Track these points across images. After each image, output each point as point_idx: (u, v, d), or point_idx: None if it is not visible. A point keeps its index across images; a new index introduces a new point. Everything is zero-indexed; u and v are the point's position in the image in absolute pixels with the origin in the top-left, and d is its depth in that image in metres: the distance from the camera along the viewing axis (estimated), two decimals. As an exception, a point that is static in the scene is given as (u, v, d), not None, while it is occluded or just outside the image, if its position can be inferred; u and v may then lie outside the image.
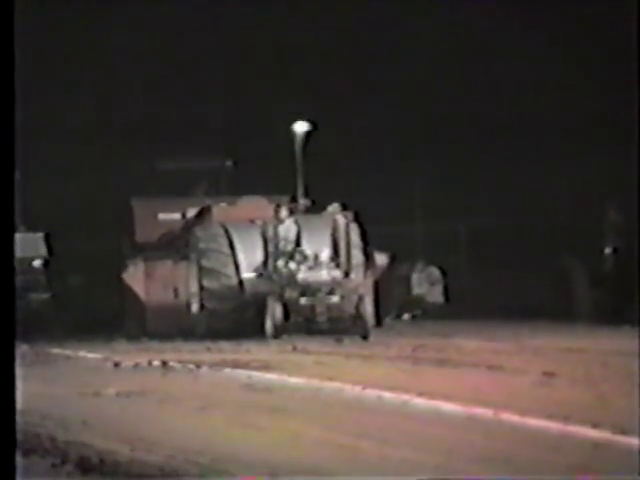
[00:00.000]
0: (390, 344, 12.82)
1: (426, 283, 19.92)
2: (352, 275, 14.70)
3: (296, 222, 15.38)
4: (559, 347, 11.84)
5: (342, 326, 14.05)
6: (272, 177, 19.43)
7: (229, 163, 19.05)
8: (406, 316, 19.38)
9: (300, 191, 18.05)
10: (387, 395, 7.87)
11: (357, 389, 8.29)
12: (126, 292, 16.60)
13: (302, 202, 17.23)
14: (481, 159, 22.86)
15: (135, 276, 16.40)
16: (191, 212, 17.06)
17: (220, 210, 16.39)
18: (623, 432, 6.14)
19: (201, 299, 15.37)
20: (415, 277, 19.98)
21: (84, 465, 5.82)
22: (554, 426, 6.44)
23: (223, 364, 10.69)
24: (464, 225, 22.73)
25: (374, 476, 5.03)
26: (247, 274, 15.15)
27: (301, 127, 18.62)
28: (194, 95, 24.21)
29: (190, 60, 23.88)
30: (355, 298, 14.19)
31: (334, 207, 15.55)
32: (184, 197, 17.68)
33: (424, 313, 19.34)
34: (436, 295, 19.91)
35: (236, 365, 10.58)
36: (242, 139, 23.25)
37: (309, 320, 14.10)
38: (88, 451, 6.10)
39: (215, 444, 6.30)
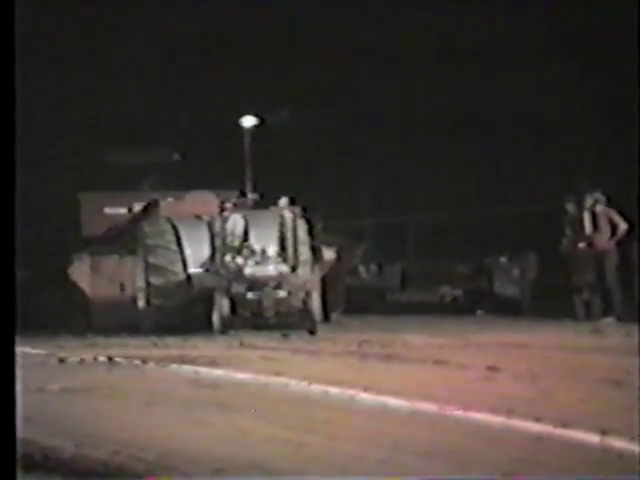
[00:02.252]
0: (337, 339, 12.86)
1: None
2: (299, 270, 14.70)
3: (244, 217, 15.38)
4: (503, 342, 11.95)
5: (289, 321, 14.03)
6: (222, 171, 19.40)
7: (177, 157, 18.99)
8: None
9: (248, 186, 18.04)
10: (333, 390, 7.91)
11: (303, 384, 8.32)
12: (72, 287, 16.49)
13: (250, 197, 17.23)
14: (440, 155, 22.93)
15: (81, 271, 16.30)
16: (138, 206, 16.98)
17: (167, 205, 16.34)
18: (564, 425, 6.22)
19: (148, 295, 15.26)
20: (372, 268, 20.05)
21: (27, 462, 5.79)
22: (497, 420, 6.51)
23: (170, 360, 10.66)
24: (413, 219, 22.82)
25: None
26: (194, 269, 15.09)
27: (249, 122, 18.62)
28: (143, 88, 24.03)
29: (137, 51, 23.69)
30: (302, 293, 14.19)
31: (282, 202, 15.56)
32: (131, 191, 17.60)
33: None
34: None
35: (183, 361, 10.56)
36: (192, 133, 23.14)
37: (256, 315, 14.07)
38: (31, 448, 6.07)
39: (161, 440, 6.29)
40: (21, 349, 11.90)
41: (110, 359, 10.95)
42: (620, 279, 15.43)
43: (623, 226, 15.50)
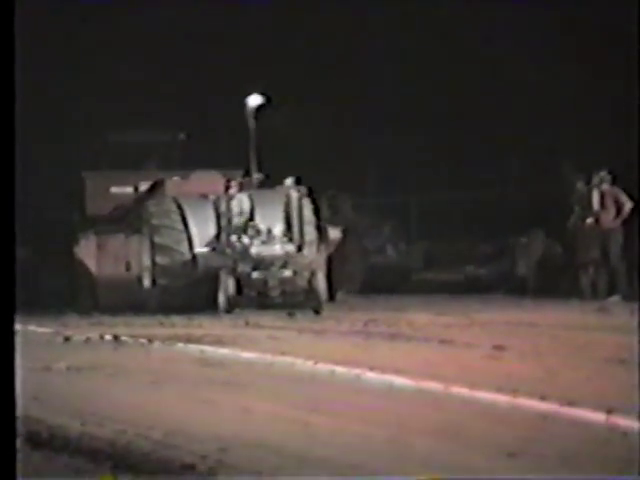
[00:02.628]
0: (342, 318, 12.87)
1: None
2: (305, 250, 14.65)
3: (249, 196, 15.33)
4: (509, 321, 11.95)
5: (295, 300, 14.04)
6: (227, 151, 19.31)
7: (182, 136, 18.90)
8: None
9: (253, 165, 17.98)
10: (339, 369, 7.91)
11: (309, 364, 8.32)
12: (77, 266, 16.50)
13: (255, 176, 17.20)
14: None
15: (86, 250, 16.30)
16: (144, 186, 16.93)
17: (173, 184, 16.31)
18: (570, 404, 6.22)
19: (153, 275, 15.25)
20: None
21: (33, 440, 5.81)
22: (503, 399, 6.51)
23: (175, 339, 10.68)
24: (416, 198, 22.77)
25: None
26: (200, 249, 15.05)
27: (254, 100, 18.52)
28: (147, 65, 23.89)
29: (141, 30, 23.56)
30: (308, 273, 14.17)
31: (288, 182, 15.52)
32: (136, 170, 17.54)
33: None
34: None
35: (188, 340, 10.57)
36: (196, 112, 23.03)
37: (261, 294, 14.07)
38: (38, 426, 6.09)
39: (167, 418, 6.30)
40: (27, 327, 11.96)
41: (116, 338, 10.97)
42: (626, 258, 15.41)
43: (629, 205, 15.48)
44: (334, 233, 16.36)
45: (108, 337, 11.07)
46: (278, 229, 14.64)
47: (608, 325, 11.39)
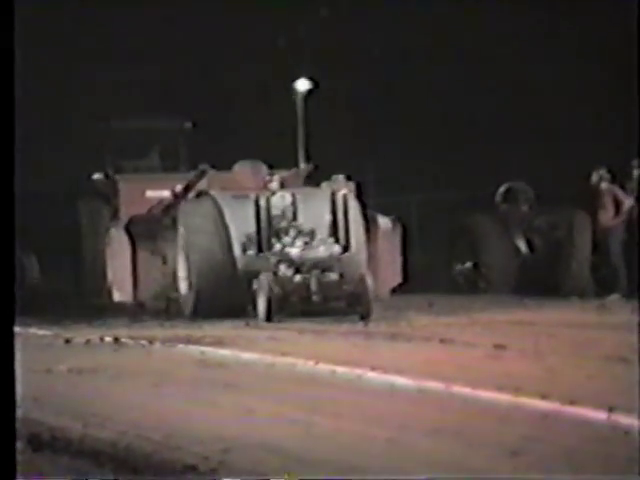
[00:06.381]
0: (341, 319, 12.85)
1: None
2: (351, 252, 13.50)
3: (292, 194, 13.91)
4: (509, 320, 11.96)
5: (340, 306, 12.92)
6: (239, 141, 18.31)
7: (188, 124, 17.67)
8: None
9: (301, 155, 16.76)
10: (340, 370, 7.92)
11: (310, 364, 8.33)
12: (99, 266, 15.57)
13: (303, 167, 15.81)
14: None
15: (121, 246, 14.87)
16: (179, 187, 15.11)
17: (212, 179, 14.88)
18: (571, 402, 6.23)
19: (189, 278, 14.05)
20: None
21: (35, 442, 5.82)
22: (504, 398, 6.52)
23: (176, 340, 10.68)
24: (415, 198, 22.65)
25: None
26: (238, 251, 13.73)
27: (302, 85, 17.26)
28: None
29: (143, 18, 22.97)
30: (354, 276, 13.07)
31: (336, 179, 14.21)
32: (172, 173, 16.20)
33: None
34: None
35: (189, 341, 10.58)
36: (205, 99, 22.13)
37: (304, 300, 12.90)
38: (39, 428, 6.09)
39: (168, 420, 6.31)
40: (27, 330, 11.96)
41: (116, 339, 10.97)
42: (626, 256, 15.42)
43: (628, 203, 15.48)
44: (384, 222, 14.52)
45: (108, 339, 11.07)
46: (322, 230, 13.51)
47: (608, 323, 11.41)
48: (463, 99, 22.16)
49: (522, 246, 16.54)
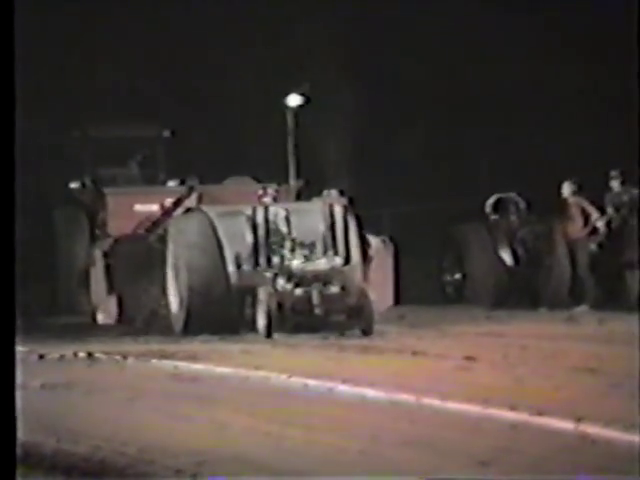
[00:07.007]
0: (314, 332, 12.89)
1: None
2: (352, 264, 13.13)
3: (286, 209, 13.54)
4: (479, 332, 12.06)
5: (342, 320, 12.50)
6: (222, 150, 17.90)
7: (167, 133, 17.23)
8: None
9: (292, 170, 16.52)
10: (312, 383, 7.98)
11: (283, 377, 8.39)
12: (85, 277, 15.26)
13: (294, 183, 15.70)
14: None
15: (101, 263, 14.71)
16: (169, 202, 15.01)
17: (203, 194, 14.65)
18: (539, 413, 6.33)
19: (180, 295, 13.56)
20: None
21: (10, 458, 5.83)
22: (474, 409, 6.60)
23: (149, 355, 10.70)
24: (388, 211, 22.64)
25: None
26: (232, 266, 13.24)
27: (294, 100, 17.03)
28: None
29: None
30: (355, 289, 12.67)
31: (329, 193, 13.94)
32: (161, 187, 15.90)
33: None
34: None
35: (163, 356, 10.60)
36: (185, 107, 21.68)
37: (305, 314, 12.45)
38: (14, 444, 6.11)
39: (142, 434, 6.35)
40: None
41: (90, 355, 10.98)
42: (593, 268, 15.56)
43: (595, 215, 15.64)
44: (376, 242, 14.13)
45: (82, 354, 11.08)
46: (321, 242, 13.11)
47: (577, 335, 11.52)
48: (451, 109, 22.19)
49: (507, 258, 16.59)
